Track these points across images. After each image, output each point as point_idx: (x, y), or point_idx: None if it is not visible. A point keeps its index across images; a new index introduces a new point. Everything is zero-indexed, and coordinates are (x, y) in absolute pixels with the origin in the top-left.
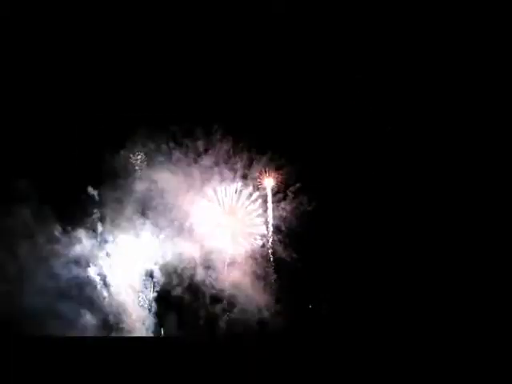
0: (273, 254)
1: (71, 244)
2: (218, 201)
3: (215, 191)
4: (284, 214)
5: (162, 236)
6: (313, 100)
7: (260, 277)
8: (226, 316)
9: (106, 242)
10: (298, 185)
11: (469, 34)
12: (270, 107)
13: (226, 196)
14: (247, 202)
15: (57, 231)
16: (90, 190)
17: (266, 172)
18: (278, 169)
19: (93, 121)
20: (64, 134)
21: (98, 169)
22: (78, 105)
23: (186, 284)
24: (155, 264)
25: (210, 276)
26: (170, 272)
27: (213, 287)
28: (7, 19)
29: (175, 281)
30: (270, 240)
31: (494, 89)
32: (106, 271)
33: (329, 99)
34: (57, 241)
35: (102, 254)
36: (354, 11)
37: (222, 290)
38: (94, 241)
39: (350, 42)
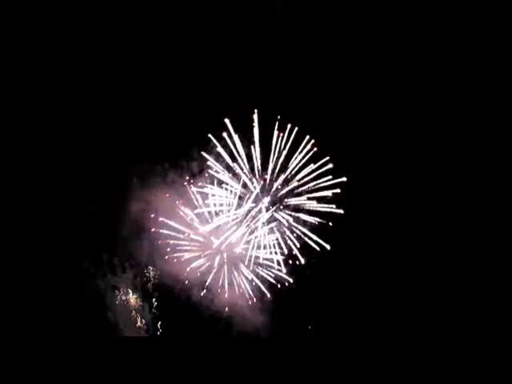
0: (269, 274)
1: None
2: (213, 222)
3: (210, 213)
4: (280, 235)
5: (157, 257)
6: (312, 102)
7: (257, 298)
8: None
9: (102, 262)
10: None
11: (469, 34)
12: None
13: (220, 217)
14: (242, 224)
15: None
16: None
17: (262, 192)
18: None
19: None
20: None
21: (94, 188)
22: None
23: (183, 305)
24: (152, 285)
25: (206, 297)
26: (167, 293)
27: (209, 309)
28: (7, 19)
29: (172, 302)
30: (267, 261)
31: (494, 89)
32: (103, 292)
33: (328, 99)
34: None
35: (98, 275)
36: (353, 11)
37: (218, 312)
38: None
39: (349, 41)
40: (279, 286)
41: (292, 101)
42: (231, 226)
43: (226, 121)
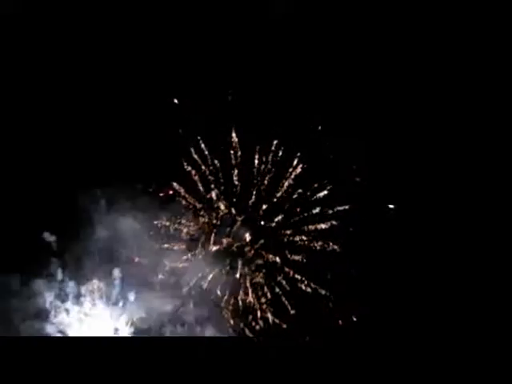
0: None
1: (30, 297)
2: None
3: (188, 243)
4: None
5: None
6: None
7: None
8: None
9: (66, 294)
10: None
11: (468, 35)
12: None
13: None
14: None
15: (14, 283)
16: (47, 235)
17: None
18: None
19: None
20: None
21: (56, 212)
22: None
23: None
24: (123, 321)
25: (180, 334)
26: (139, 330)
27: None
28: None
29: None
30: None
31: (494, 89)
32: (67, 328)
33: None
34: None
35: (63, 308)
36: (354, 12)
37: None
38: (54, 293)
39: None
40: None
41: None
42: (206, 264)
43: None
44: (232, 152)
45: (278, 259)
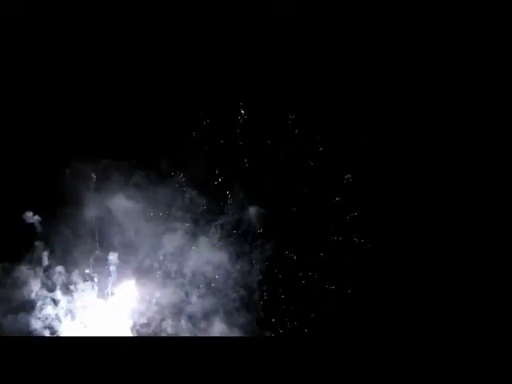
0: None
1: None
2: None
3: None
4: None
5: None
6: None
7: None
8: None
9: (54, 283)
10: None
11: (468, 37)
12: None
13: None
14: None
15: None
16: (30, 216)
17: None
18: None
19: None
20: None
21: (40, 189)
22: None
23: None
24: (118, 313)
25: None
26: (137, 324)
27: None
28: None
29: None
30: None
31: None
32: (55, 323)
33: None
34: None
35: (49, 299)
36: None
37: None
38: (39, 281)
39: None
40: None
41: None
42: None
43: None
44: (239, 130)
45: (294, 255)
